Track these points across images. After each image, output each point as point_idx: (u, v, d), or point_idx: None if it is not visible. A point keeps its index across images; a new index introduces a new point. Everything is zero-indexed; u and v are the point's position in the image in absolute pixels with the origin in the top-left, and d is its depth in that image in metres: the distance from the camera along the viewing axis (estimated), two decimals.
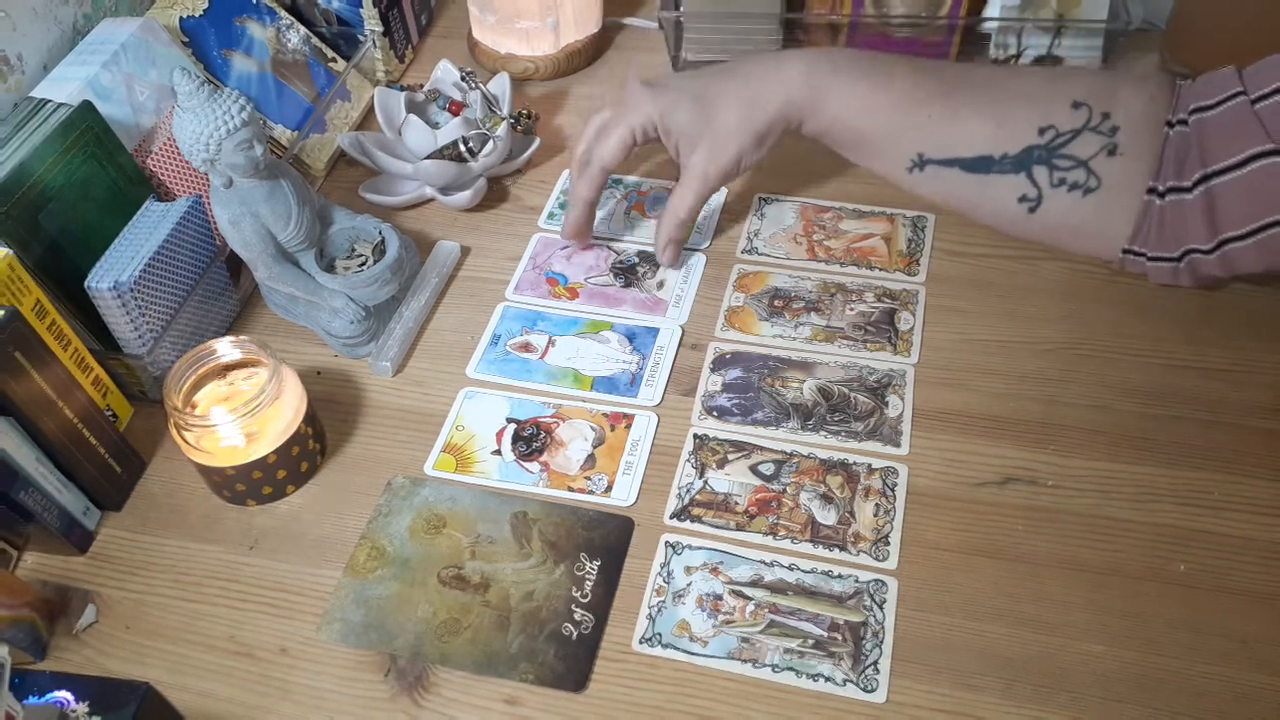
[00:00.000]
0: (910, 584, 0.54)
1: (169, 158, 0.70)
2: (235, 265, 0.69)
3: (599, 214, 0.76)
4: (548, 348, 0.67)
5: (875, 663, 0.51)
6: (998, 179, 0.61)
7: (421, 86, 0.82)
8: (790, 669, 0.51)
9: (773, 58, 0.66)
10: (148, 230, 0.63)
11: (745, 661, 0.52)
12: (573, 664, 0.52)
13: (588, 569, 0.56)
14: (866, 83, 0.62)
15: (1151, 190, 0.58)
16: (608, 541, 0.57)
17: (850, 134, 0.64)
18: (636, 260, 0.73)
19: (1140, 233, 0.60)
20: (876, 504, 0.57)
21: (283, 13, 0.82)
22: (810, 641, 0.52)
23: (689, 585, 0.55)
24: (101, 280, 0.59)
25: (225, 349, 0.60)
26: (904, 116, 0.62)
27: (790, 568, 0.55)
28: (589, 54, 0.90)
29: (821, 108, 0.64)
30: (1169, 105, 0.58)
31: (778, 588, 0.54)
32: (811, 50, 0.66)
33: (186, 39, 0.74)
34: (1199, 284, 0.61)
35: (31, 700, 0.47)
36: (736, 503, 0.58)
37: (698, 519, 0.58)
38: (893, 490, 0.58)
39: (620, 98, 0.69)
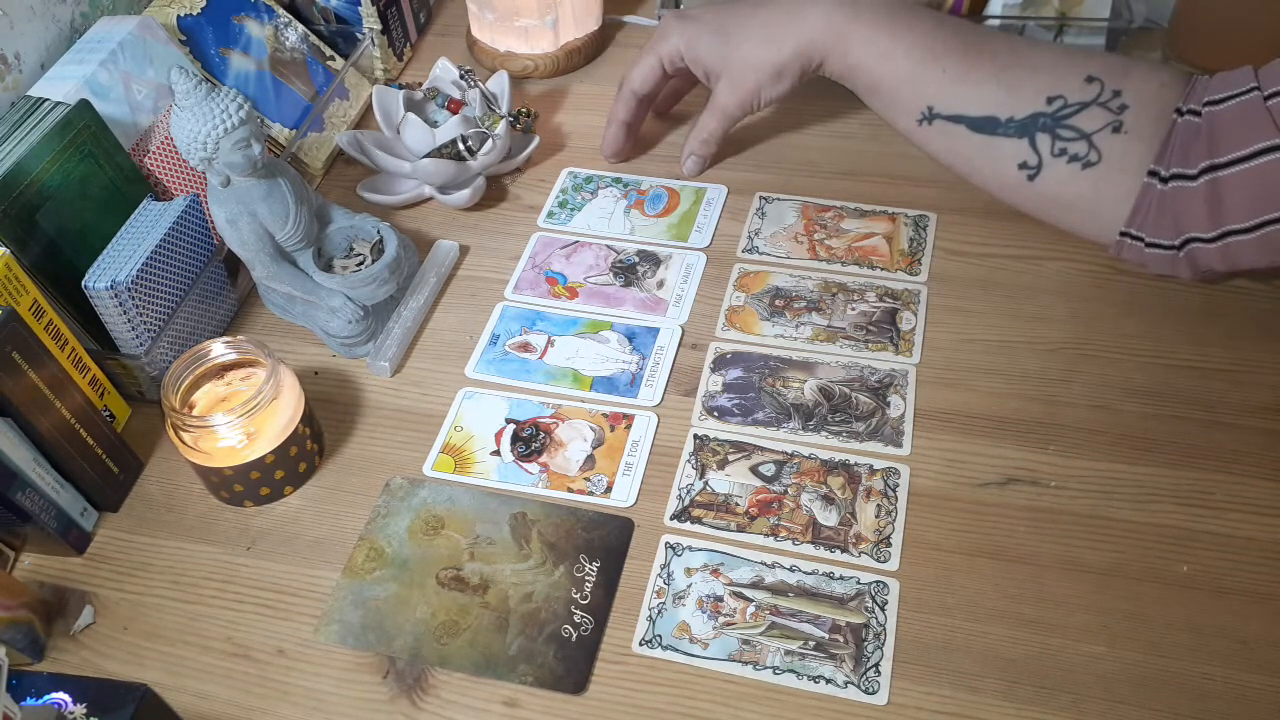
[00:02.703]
0: (912, 585, 0.54)
1: (166, 156, 0.70)
2: (233, 265, 0.69)
3: (599, 213, 0.76)
4: (547, 347, 0.67)
5: (877, 664, 0.51)
6: (1001, 141, 0.62)
7: (420, 85, 0.82)
8: (791, 671, 0.51)
9: None
10: (145, 229, 0.63)
11: (746, 664, 0.51)
12: (572, 666, 0.52)
13: (587, 570, 0.56)
14: (886, 31, 0.64)
15: (1153, 174, 0.58)
16: (607, 543, 0.57)
17: (867, 80, 0.66)
18: (636, 260, 0.72)
19: (1138, 215, 0.60)
20: (878, 505, 0.57)
21: (281, 11, 0.81)
22: (811, 643, 0.52)
23: (689, 587, 0.55)
24: (99, 280, 0.59)
25: (222, 349, 0.59)
26: (919, 67, 0.63)
27: (791, 569, 0.55)
28: (588, 52, 0.90)
29: (842, 51, 0.65)
30: (1181, 94, 0.58)
31: (779, 589, 0.54)
32: None
33: (184, 37, 0.74)
34: (1198, 276, 0.61)
35: (29, 702, 0.47)
36: (737, 504, 0.58)
37: (698, 520, 0.57)
38: (894, 491, 0.58)
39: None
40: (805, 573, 0.55)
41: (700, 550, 0.56)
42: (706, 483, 0.59)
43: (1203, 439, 0.59)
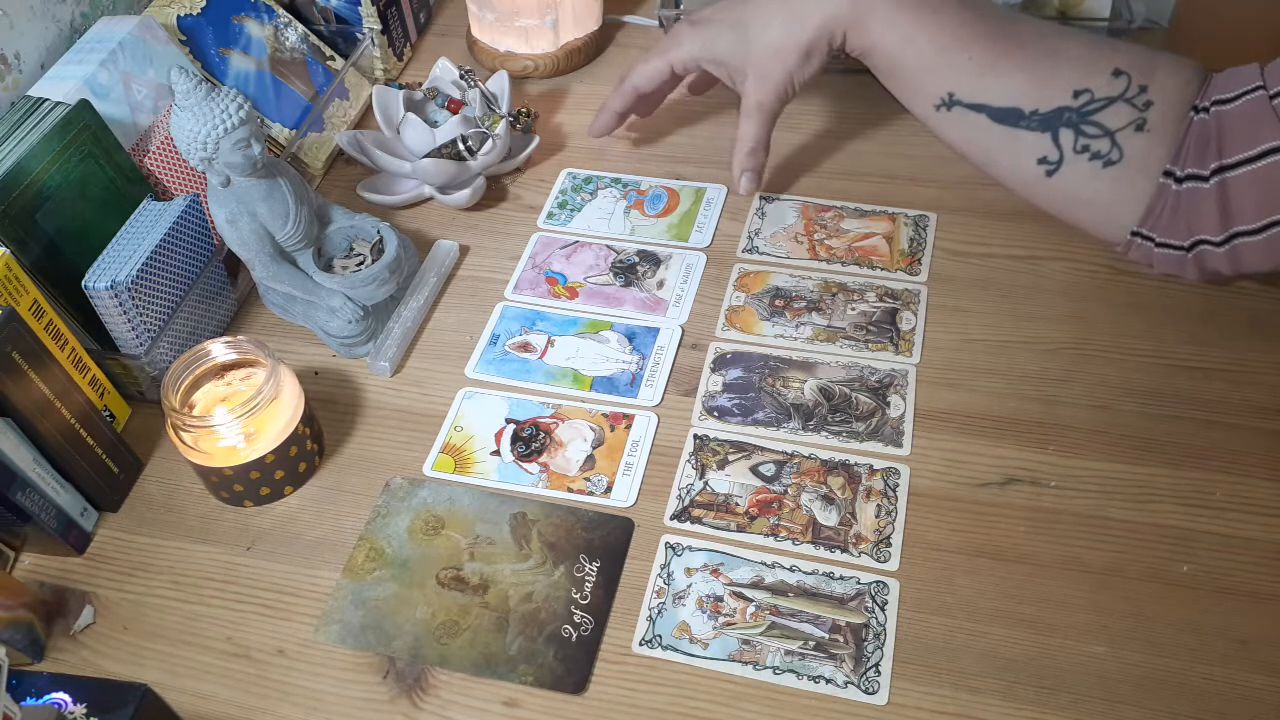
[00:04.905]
0: (912, 585, 0.54)
1: (166, 156, 0.70)
2: (233, 265, 0.69)
3: (599, 214, 0.76)
4: (547, 347, 0.67)
5: (877, 664, 0.51)
6: (1022, 134, 0.60)
7: (420, 85, 0.82)
8: (791, 671, 0.51)
9: None
10: (145, 229, 0.63)
11: (746, 664, 0.51)
12: (572, 666, 0.52)
13: (587, 570, 0.56)
14: (911, 11, 0.62)
15: (1168, 174, 0.58)
16: (607, 543, 0.57)
17: (887, 62, 0.64)
18: (636, 260, 0.72)
19: (1152, 215, 0.59)
20: (878, 505, 0.57)
21: (281, 11, 0.81)
22: (811, 643, 0.52)
23: (689, 587, 0.55)
24: (99, 280, 0.59)
25: (223, 349, 0.59)
26: (942, 53, 0.61)
27: (791, 569, 0.55)
28: (588, 52, 0.90)
29: (864, 27, 0.63)
30: (1199, 91, 0.58)
31: (779, 589, 0.54)
32: None
33: (184, 37, 0.74)
34: (1204, 278, 0.61)
35: (29, 702, 0.47)
36: (737, 504, 0.58)
37: (698, 520, 0.57)
38: (894, 491, 0.58)
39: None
40: (805, 573, 0.55)
41: (700, 550, 0.56)
42: (706, 483, 0.59)
43: (1203, 439, 0.59)
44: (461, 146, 0.74)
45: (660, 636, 0.53)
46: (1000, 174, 0.64)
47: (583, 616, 0.54)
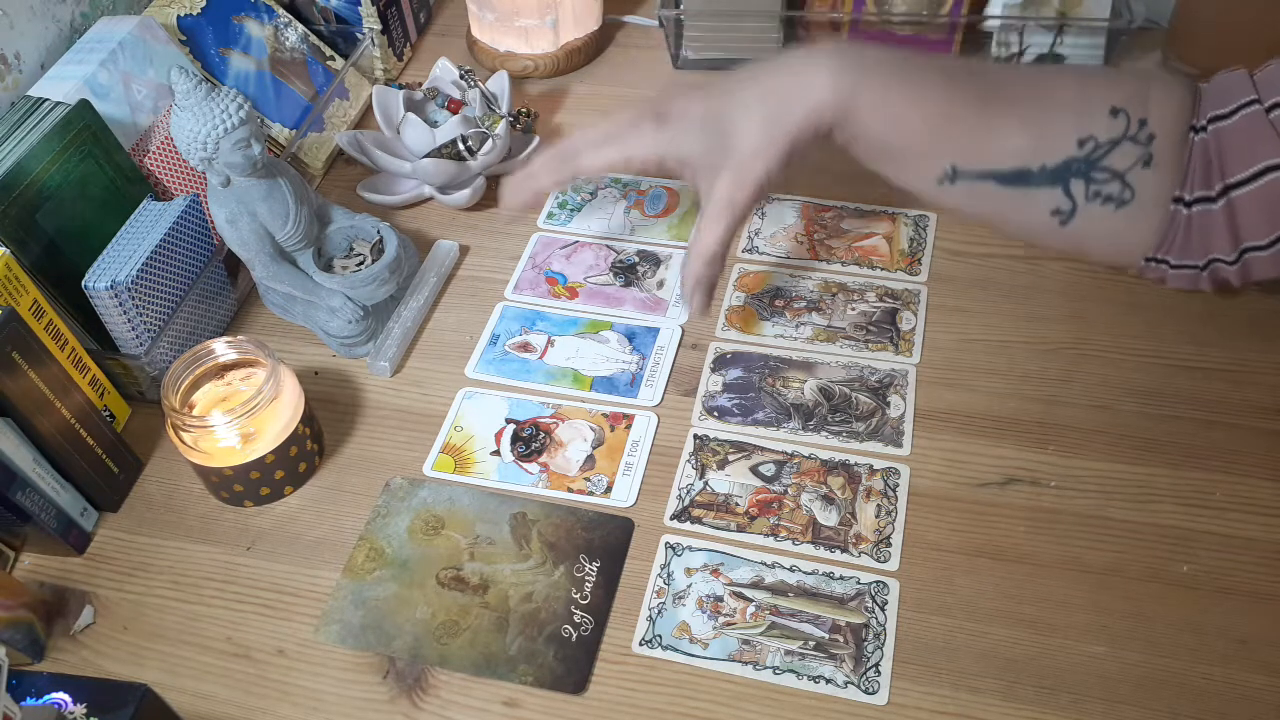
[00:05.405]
0: (912, 585, 0.54)
1: (166, 156, 0.70)
2: (233, 265, 0.69)
3: (599, 214, 0.76)
4: (547, 348, 0.67)
5: (877, 664, 0.51)
6: (1033, 192, 0.57)
7: (420, 85, 0.82)
8: (791, 671, 0.51)
9: (793, 59, 0.58)
10: (145, 229, 0.63)
11: (746, 664, 0.51)
12: (572, 666, 0.52)
13: (587, 570, 0.56)
14: (898, 90, 0.57)
15: (1177, 200, 0.57)
16: (607, 543, 0.57)
17: (878, 147, 0.59)
18: (636, 259, 0.72)
19: (1166, 241, 0.58)
20: (878, 505, 0.57)
21: (281, 11, 0.81)
22: (811, 643, 0.52)
23: (689, 587, 0.55)
24: (99, 280, 0.59)
25: (223, 349, 0.59)
26: (938, 131, 0.57)
27: (791, 569, 0.55)
28: (588, 52, 0.90)
29: (850, 116, 0.57)
30: (1193, 110, 0.57)
31: (779, 589, 0.54)
32: (834, 48, 0.58)
33: (184, 37, 0.74)
34: (1215, 288, 0.61)
35: (29, 702, 0.47)
36: (737, 504, 0.58)
37: (698, 520, 0.57)
38: (894, 491, 0.58)
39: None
40: (805, 573, 0.55)
41: (700, 550, 0.56)
42: (706, 483, 0.59)
43: (1203, 439, 0.59)
44: (461, 146, 0.74)
45: (660, 636, 0.53)
46: (1013, 231, 0.62)
47: (583, 616, 0.54)
